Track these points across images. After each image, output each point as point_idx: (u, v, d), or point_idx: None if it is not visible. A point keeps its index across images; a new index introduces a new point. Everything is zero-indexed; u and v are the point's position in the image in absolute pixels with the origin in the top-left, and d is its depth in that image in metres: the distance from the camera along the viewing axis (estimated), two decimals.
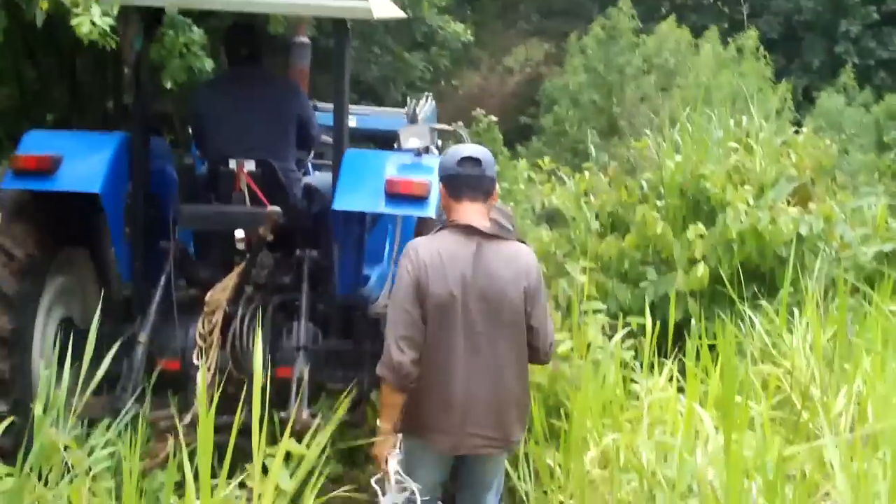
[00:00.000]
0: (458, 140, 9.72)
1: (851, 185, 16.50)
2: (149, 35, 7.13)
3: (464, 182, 5.04)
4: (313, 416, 5.99)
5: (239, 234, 6.60)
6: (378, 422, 5.21)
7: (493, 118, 23.87)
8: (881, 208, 10.48)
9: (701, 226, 9.27)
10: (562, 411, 6.64)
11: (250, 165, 6.82)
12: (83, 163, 6.46)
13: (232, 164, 6.85)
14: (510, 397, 5.03)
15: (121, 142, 6.72)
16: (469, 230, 4.97)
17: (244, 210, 6.77)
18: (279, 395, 5.94)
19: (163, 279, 6.67)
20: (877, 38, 30.83)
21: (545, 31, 38.32)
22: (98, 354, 5.53)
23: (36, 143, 6.54)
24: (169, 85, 9.81)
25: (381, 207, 6.49)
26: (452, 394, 4.93)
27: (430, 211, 6.36)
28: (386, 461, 5.06)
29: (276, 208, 6.33)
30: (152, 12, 7.00)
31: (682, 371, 6.38)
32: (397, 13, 7.80)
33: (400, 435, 5.07)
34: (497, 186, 5.21)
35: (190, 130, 7.74)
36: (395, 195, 6.34)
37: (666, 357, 8.02)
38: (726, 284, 8.29)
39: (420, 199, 6.33)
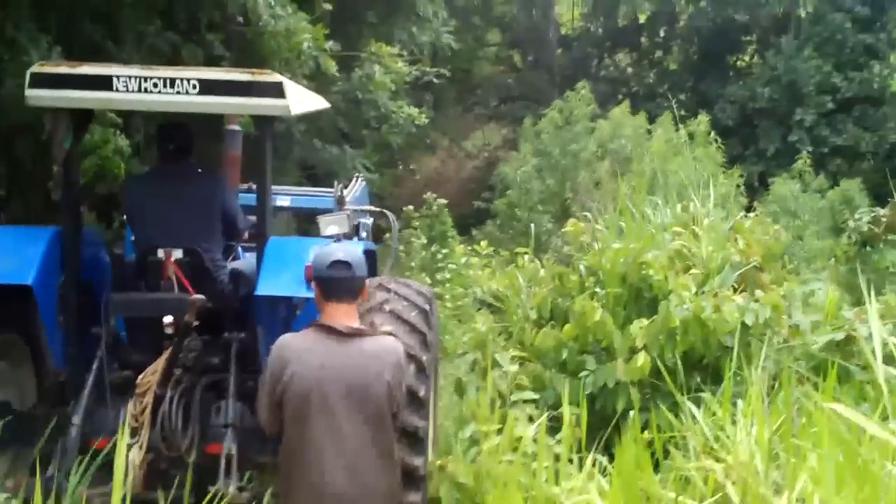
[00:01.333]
0: (386, 222, 10.01)
1: (806, 271, 16.26)
2: (78, 134, 7.33)
3: (333, 284, 5.25)
4: (242, 489, 6.31)
5: (167, 319, 6.96)
6: None
7: (443, 201, 23.65)
8: (830, 295, 10.16)
9: (644, 321, 8.89)
10: None
11: (178, 254, 7.20)
12: (15, 256, 6.82)
13: (160, 253, 7.20)
14: (375, 490, 5.14)
15: (52, 235, 7.06)
16: (330, 330, 5.17)
17: (171, 297, 7.11)
18: (210, 471, 6.46)
19: (95, 363, 6.97)
20: (831, 125, 31.07)
21: (503, 116, 38.47)
22: (34, 436, 6.24)
23: None
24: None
25: (302, 292, 6.81)
26: (317, 485, 5.07)
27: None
28: None
29: (200, 296, 6.63)
30: (81, 112, 7.23)
31: None
32: (320, 105, 8.26)
33: None
34: (367, 284, 5.44)
35: (125, 219, 8.12)
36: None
37: (606, 450, 7.65)
38: (668, 375, 7.92)
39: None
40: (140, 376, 6.83)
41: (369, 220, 11.13)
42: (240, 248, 8.54)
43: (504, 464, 6.52)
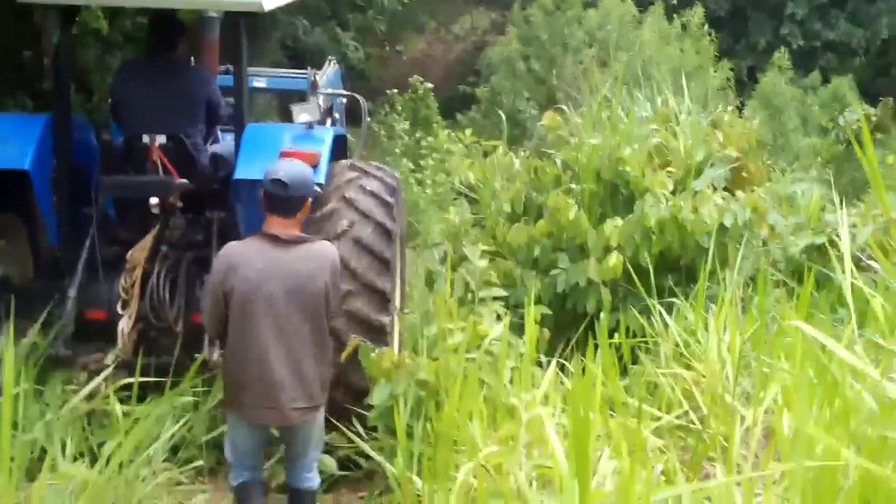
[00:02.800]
0: (359, 106, 10.25)
1: (789, 170, 16.02)
2: (66, 28, 7.79)
3: (272, 200, 5.72)
4: (223, 356, 6.48)
5: (153, 200, 7.48)
6: None
7: (430, 85, 23.31)
8: (814, 197, 9.94)
9: (619, 220, 8.66)
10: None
11: (161, 139, 7.63)
12: (12, 143, 7.32)
13: (145, 138, 7.63)
14: (311, 377, 5.71)
15: (45, 122, 7.57)
16: (272, 238, 5.70)
17: (157, 179, 7.59)
18: (195, 339, 7.22)
19: (87, 241, 7.53)
20: (823, 19, 30.57)
21: (492, 0, 37.84)
22: (33, 308, 6.98)
23: None
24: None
25: None
26: (263, 372, 5.60)
27: (321, 177, 7.19)
28: None
29: (184, 181, 7.46)
30: (67, 8, 7.70)
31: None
32: None
33: None
34: (307, 202, 5.85)
35: (110, 107, 8.48)
36: None
37: (577, 350, 7.48)
38: (641, 276, 7.73)
39: (311, 167, 6.71)
40: (129, 253, 7.38)
41: (342, 103, 11.45)
42: (219, 132, 8.79)
43: (466, 362, 6.32)
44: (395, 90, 22.87)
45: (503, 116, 14.49)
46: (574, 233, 8.81)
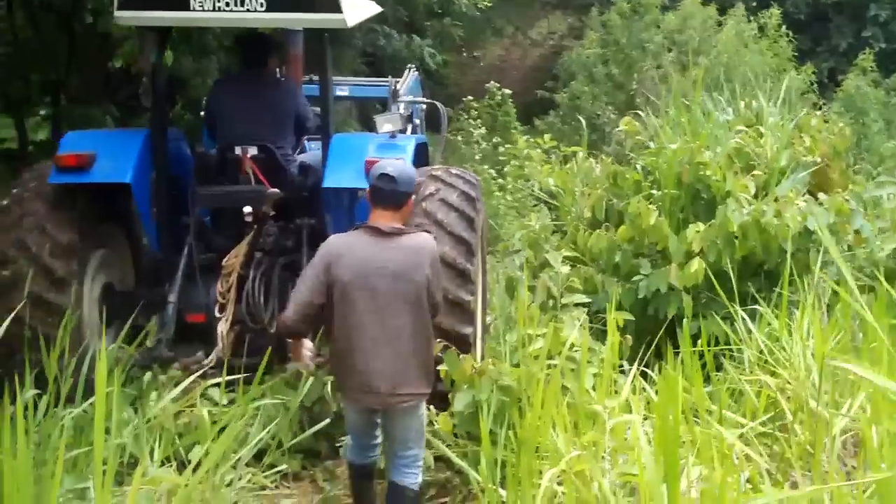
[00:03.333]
0: (438, 114, 10.63)
1: (874, 173, 15.78)
2: (161, 47, 8.37)
3: (380, 193, 5.92)
4: (317, 354, 6.80)
5: (247, 209, 7.89)
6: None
7: (508, 91, 23.27)
8: None
9: (700, 225, 8.58)
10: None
11: (253, 151, 8.09)
12: (114, 157, 7.87)
13: (238, 150, 8.10)
14: (413, 364, 5.85)
15: (144, 137, 8.11)
16: (374, 230, 5.87)
17: (250, 189, 8.02)
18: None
19: (185, 248, 8.06)
20: None
21: (569, 4, 37.68)
22: (136, 312, 7.75)
23: (74, 143, 7.94)
24: (119, 64, 10.89)
25: (363, 183, 7.40)
26: (365, 359, 5.79)
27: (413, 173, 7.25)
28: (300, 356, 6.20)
29: (276, 190, 7.90)
30: (164, 29, 8.32)
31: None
32: (373, 11, 9.20)
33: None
34: (411, 198, 6.05)
35: (204, 120, 9.07)
36: None
37: (658, 358, 7.43)
38: (723, 282, 7.66)
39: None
40: (225, 259, 7.92)
41: (422, 110, 11.71)
42: (306, 142, 9.37)
43: (548, 368, 6.31)
44: (472, 97, 22.88)
45: (583, 122, 14.45)
46: (655, 238, 8.75)
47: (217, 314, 7.76)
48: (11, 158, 17.66)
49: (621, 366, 6.90)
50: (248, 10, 7.60)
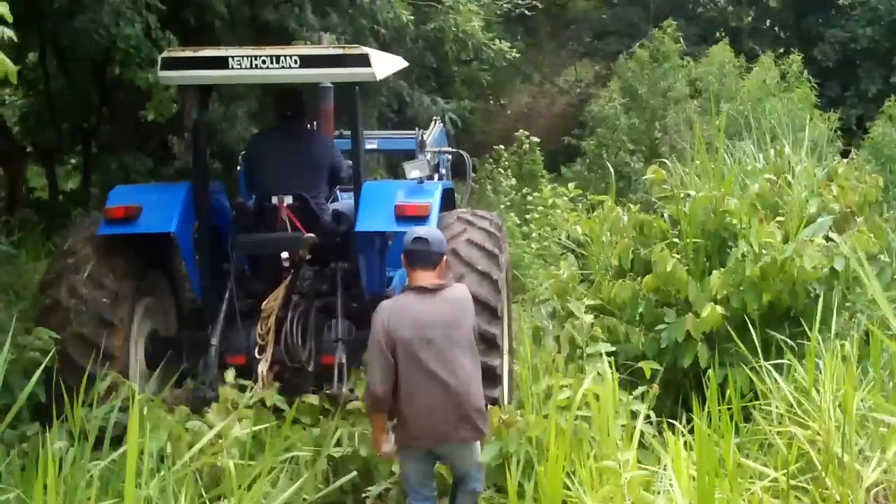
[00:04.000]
0: (463, 162, 11.59)
1: None
2: (203, 104, 8.93)
3: (415, 255, 6.47)
4: (351, 391, 7.95)
5: (284, 255, 8.38)
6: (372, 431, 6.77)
7: (536, 140, 23.32)
8: None
9: (722, 269, 8.54)
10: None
11: (289, 200, 8.59)
12: (159, 209, 8.40)
13: (274, 199, 8.62)
14: (472, 391, 6.33)
15: (187, 189, 8.64)
16: (419, 289, 6.42)
17: (287, 236, 8.50)
18: (325, 378, 8.27)
19: (226, 294, 8.51)
20: None
21: (597, 52, 37.79)
22: (179, 356, 8.40)
23: (121, 196, 8.52)
24: (151, 116, 11.13)
25: (393, 227, 8.31)
26: (430, 406, 6.23)
27: (432, 225, 7.92)
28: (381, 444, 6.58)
29: (311, 235, 8.30)
30: (204, 87, 8.87)
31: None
32: (400, 66, 9.68)
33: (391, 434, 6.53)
34: (444, 258, 6.56)
35: (242, 172, 9.75)
36: (403, 216, 8.16)
37: (683, 406, 7.39)
38: (749, 328, 7.61)
39: (423, 218, 8.07)
40: (264, 303, 8.39)
41: (448, 160, 12.11)
42: (338, 191, 9.83)
43: (576, 420, 6.29)
44: (501, 145, 22.95)
45: (612, 170, 14.45)
46: (676, 286, 8.73)
47: (256, 356, 8.22)
48: (43, 207, 17.79)
49: (647, 416, 6.86)
50: (282, 67, 8.06)
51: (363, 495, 7.21)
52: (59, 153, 19.50)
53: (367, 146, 10.68)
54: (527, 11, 24.22)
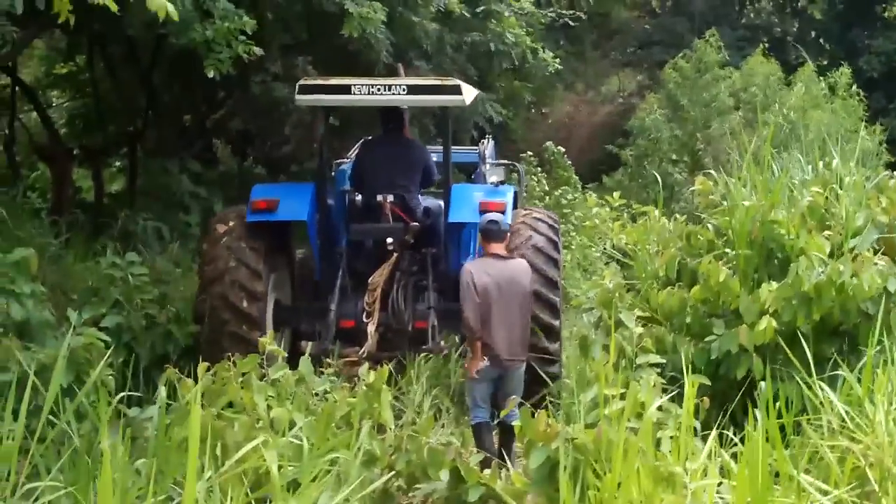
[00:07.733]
0: (516, 172, 14.64)
1: None
2: (327, 122, 11.78)
3: (490, 233, 8.96)
4: (441, 348, 10.71)
5: (389, 240, 10.58)
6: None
7: (561, 149, 23.41)
8: None
9: (774, 284, 8.47)
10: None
11: (390, 198, 10.62)
12: (293, 202, 10.50)
13: (379, 197, 10.66)
14: (524, 340, 8.89)
15: (313, 187, 10.78)
16: (494, 255, 8.90)
17: (392, 226, 10.63)
18: (421, 338, 10.49)
19: (340, 270, 10.67)
20: None
21: (640, 62, 37.75)
22: (297, 321, 11.14)
23: (262, 192, 10.57)
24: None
25: (476, 218, 9.99)
26: (498, 338, 8.65)
27: (508, 219, 9.78)
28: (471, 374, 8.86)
29: (416, 224, 10.63)
30: (330, 109, 11.76)
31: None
32: (476, 92, 11.89)
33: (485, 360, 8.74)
34: (508, 234, 9.16)
35: (351, 174, 11.53)
36: (486, 211, 9.83)
37: (732, 419, 7.32)
38: (801, 342, 7.54)
39: (501, 213, 9.76)
40: (371, 278, 10.49)
41: (502, 170, 14.60)
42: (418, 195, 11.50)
43: (626, 431, 6.25)
44: (532, 154, 23.06)
45: (659, 179, 14.42)
46: (727, 297, 8.68)
47: (364, 320, 10.27)
48: (88, 208, 17.93)
49: (695, 429, 6.80)
50: (394, 94, 10.11)
51: (410, 494, 7.26)
52: (105, 156, 19.66)
53: (434, 158, 12.01)
54: (570, 22, 24.20)
